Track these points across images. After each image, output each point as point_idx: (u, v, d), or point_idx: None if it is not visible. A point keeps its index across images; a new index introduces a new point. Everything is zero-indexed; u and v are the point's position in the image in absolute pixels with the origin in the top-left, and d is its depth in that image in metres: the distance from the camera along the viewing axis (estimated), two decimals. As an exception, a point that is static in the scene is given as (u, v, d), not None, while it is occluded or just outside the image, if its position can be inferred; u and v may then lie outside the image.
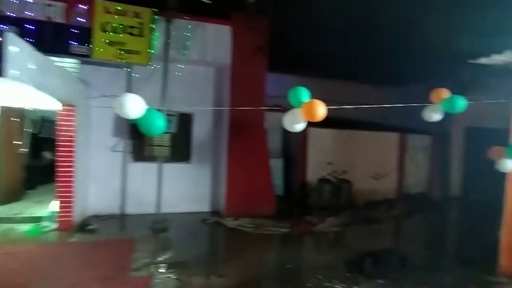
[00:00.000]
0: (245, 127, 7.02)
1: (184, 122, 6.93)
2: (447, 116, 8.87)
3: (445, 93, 4.00)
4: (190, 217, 6.97)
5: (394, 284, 4.24)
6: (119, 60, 6.13)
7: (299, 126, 3.58)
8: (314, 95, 3.51)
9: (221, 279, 4.16)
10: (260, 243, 5.84)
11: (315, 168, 8.28)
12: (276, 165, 8.56)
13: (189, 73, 7.14)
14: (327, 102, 3.45)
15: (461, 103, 3.84)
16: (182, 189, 7.17)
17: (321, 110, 3.37)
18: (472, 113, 8.33)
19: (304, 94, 3.52)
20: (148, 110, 3.12)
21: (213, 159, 7.56)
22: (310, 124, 3.66)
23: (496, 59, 4.46)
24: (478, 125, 8.57)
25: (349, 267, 4.71)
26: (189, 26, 6.59)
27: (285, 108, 3.75)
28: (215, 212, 7.32)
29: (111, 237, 5.56)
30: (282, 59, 8.45)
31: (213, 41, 6.92)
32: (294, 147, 8.69)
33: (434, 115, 4.10)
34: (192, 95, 7.18)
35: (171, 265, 4.44)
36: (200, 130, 7.45)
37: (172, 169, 6.95)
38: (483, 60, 4.56)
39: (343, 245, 6.25)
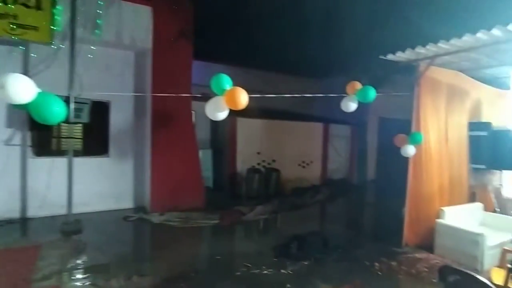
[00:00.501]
0: (170, 117, 6.63)
1: (99, 111, 6.23)
2: (364, 108, 9.75)
3: (358, 85, 4.38)
4: (110, 216, 6.37)
5: (317, 263, 4.50)
6: (10, 36, 5.15)
7: (222, 114, 3.45)
8: (242, 85, 3.40)
9: (144, 279, 3.88)
10: (188, 237, 5.62)
11: (245, 158, 8.31)
12: (205, 156, 8.36)
13: (103, 56, 6.40)
14: (254, 92, 3.39)
15: (372, 93, 4.32)
16: (99, 186, 6.48)
17: (243, 98, 3.29)
18: (384, 106, 9.36)
19: (226, 82, 3.40)
20: (40, 94, 2.63)
21: (135, 151, 6.99)
22: (239, 114, 3.57)
23: (401, 56, 4.91)
24: (389, 116, 9.57)
25: (276, 252, 4.83)
26: (101, 3, 5.87)
27: (212, 97, 3.58)
28: (139, 208, 6.81)
29: (8, 246, 4.74)
30: (209, 47, 8.19)
31: (131, 21, 6.29)
32: (223, 137, 8.59)
33: (350, 104, 4.42)
34: (107, 81, 6.46)
35: (86, 270, 4.02)
36: (119, 120, 6.79)
37: (86, 164, 6.24)
38: (390, 57, 4.98)
39: (271, 232, 6.43)
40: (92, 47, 6.10)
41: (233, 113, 8.17)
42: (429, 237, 4.99)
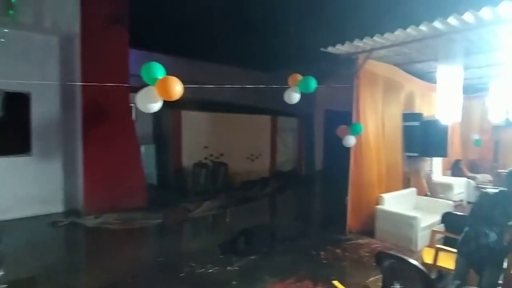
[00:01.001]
0: (104, 110, 6.05)
1: (15, 103, 5.44)
2: (310, 101, 9.98)
3: (299, 76, 4.39)
4: (36, 222, 5.65)
5: (264, 257, 4.43)
6: None
7: (155, 106, 3.15)
8: (185, 77, 3.13)
9: (72, 292, 3.45)
10: (127, 240, 5.21)
11: (191, 152, 7.97)
12: (148, 152, 7.86)
13: (20, 40, 5.59)
14: (199, 84, 3.14)
15: (312, 83, 4.33)
16: (20, 189, 5.70)
17: (177, 88, 3.02)
18: (329, 99, 9.66)
19: (158, 70, 3.10)
20: None
21: (64, 149, 6.27)
22: (183, 107, 3.29)
23: (340, 49, 5.00)
24: (333, 109, 9.87)
25: (222, 249, 4.68)
26: (15, -22, 5.09)
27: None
28: (70, 212, 6.15)
29: None
30: (150, 35, 7.67)
31: (53, 2, 5.57)
32: (167, 132, 8.14)
33: (293, 95, 4.37)
34: (24, 69, 5.67)
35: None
36: (43, 114, 6.01)
37: (1, 165, 5.43)
38: (330, 49, 5.05)
39: (219, 228, 6.24)
40: (5, 30, 5.27)
41: (178, 107, 7.96)
42: (370, 222, 5.21)
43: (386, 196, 5.22)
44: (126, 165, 6.38)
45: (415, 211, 5.24)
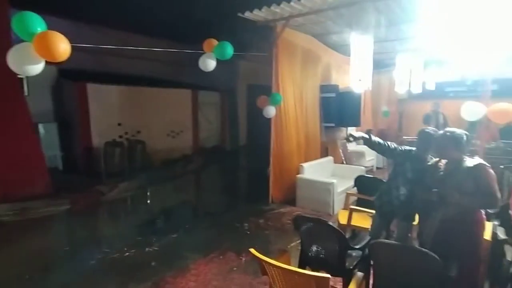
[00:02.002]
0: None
1: None
2: (232, 75, 9.73)
3: (214, 42, 4.09)
4: None
5: (186, 234, 4.24)
6: None
7: (34, 68, 2.54)
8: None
9: None
10: (25, 232, 4.44)
11: (102, 130, 7.09)
12: (48, 132, 6.76)
13: None
14: (110, 55, 2.58)
15: (229, 49, 4.06)
16: None
17: (61, 46, 2.47)
18: (251, 73, 9.53)
19: (35, 22, 2.48)
20: None
21: None
22: (90, 80, 2.70)
23: (258, 15, 4.81)
24: (256, 83, 9.79)
25: (141, 230, 4.34)
26: None
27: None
28: None
29: None
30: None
31: None
32: (70, 108, 7.07)
33: (209, 62, 4.07)
34: None
35: None
36: None
37: None
38: (248, 15, 4.82)
39: (139, 209, 5.78)
40: None
41: (83, 79, 6.92)
42: (291, 191, 5.37)
43: (305, 165, 5.40)
44: (18, 147, 5.33)
45: (332, 178, 5.55)
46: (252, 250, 1.92)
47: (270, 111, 4.96)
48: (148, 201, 6.01)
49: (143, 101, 7.90)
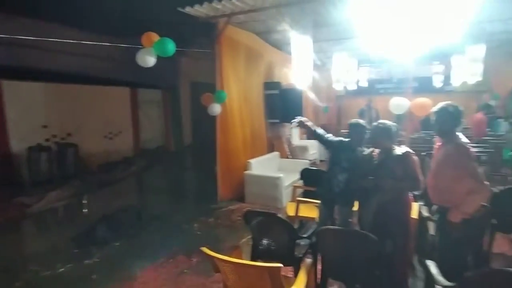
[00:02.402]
0: None
1: None
2: (174, 72, 9.39)
3: (155, 36, 3.87)
4: None
5: (131, 241, 3.98)
6: None
7: None
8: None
9: None
10: None
11: (23, 134, 6.28)
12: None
13: None
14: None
15: (171, 46, 3.86)
16: None
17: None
18: (195, 70, 9.30)
19: None
20: None
21: None
22: (6, 76, 2.30)
23: (199, 10, 4.70)
24: (200, 81, 9.59)
25: (78, 242, 3.94)
26: None
27: None
28: None
29: None
30: None
31: None
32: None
33: (148, 58, 3.84)
34: None
35: None
36: None
37: None
38: (188, 10, 4.70)
39: (74, 219, 5.26)
40: None
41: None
42: (240, 188, 5.38)
43: (253, 161, 5.46)
44: None
45: (279, 172, 5.69)
46: (203, 248, 1.88)
47: (215, 108, 4.91)
48: (85, 210, 5.50)
49: (74, 100, 7.21)
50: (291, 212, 3.72)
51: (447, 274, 1.94)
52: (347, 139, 2.97)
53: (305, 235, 2.63)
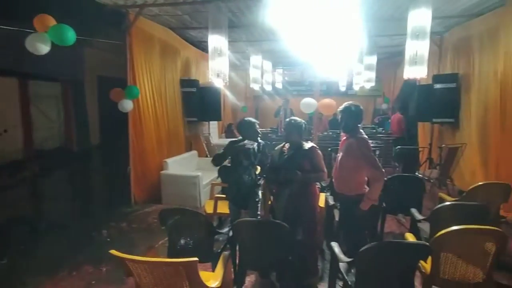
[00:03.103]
0: None
1: None
2: (78, 64, 8.39)
3: (50, 20, 3.37)
4: None
5: (23, 257, 3.42)
6: None
7: None
8: None
9: None
10: None
11: None
12: None
13: None
14: None
15: (70, 34, 3.42)
16: None
17: None
18: (102, 64, 8.49)
19: None
20: None
21: None
22: None
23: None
24: (108, 75, 8.77)
25: None
26: None
27: None
28: None
29: None
30: None
31: None
32: None
33: (40, 46, 3.29)
34: None
35: None
36: None
37: None
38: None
39: None
40: None
41: None
42: (156, 189, 5.13)
43: (169, 160, 5.25)
44: None
45: (197, 171, 5.59)
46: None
47: (127, 105, 4.56)
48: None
49: None
50: (209, 209, 3.71)
51: (350, 253, 2.19)
52: (238, 138, 3.09)
53: (223, 230, 2.65)
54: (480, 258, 2.02)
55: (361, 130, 2.68)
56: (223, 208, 3.64)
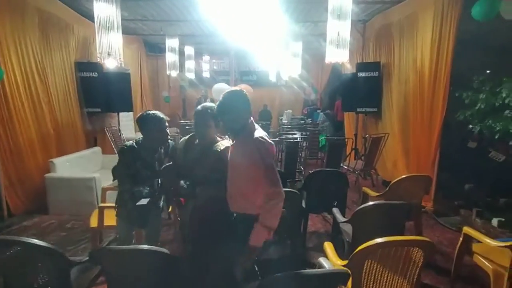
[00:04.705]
0: None
1: None
2: None
3: None
4: None
5: None
6: None
7: None
8: None
9: None
10: None
11: None
12: None
13: None
14: None
15: None
16: None
17: None
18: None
19: None
20: None
21: None
22: None
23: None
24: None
25: None
26: None
27: None
28: None
29: None
30: None
31: None
32: None
33: None
34: None
35: None
36: None
37: None
38: None
39: None
40: None
41: None
42: (41, 196, 4.12)
43: (57, 161, 4.21)
44: None
45: (99, 172, 4.66)
46: None
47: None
48: None
49: None
50: (94, 223, 2.89)
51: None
52: (132, 142, 2.33)
53: (84, 259, 1.90)
54: (407, 270, 1.65)
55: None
56: (114, 219, 2.87)
